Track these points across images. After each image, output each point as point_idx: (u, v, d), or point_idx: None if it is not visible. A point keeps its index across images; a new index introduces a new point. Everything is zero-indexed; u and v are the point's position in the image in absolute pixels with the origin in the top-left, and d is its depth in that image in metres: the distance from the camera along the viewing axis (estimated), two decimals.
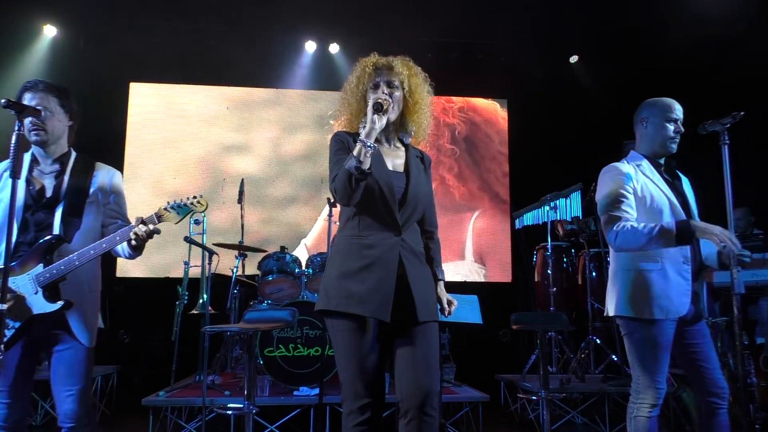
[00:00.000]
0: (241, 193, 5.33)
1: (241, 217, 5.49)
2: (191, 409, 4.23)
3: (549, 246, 5.44)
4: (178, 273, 5.45)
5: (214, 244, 4.73)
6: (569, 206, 5.61)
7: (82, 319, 2.28)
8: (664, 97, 2.70)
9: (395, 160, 2.18)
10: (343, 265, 2.06)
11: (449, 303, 2.25)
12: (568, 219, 5.64)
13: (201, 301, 4.70)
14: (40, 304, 2.20)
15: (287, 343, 4.30)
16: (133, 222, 2.25)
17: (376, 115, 1.99)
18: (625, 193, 2.56)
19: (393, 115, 2.13)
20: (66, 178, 2.34)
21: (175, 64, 6.74)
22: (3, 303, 1.93)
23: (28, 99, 2.31)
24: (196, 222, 4.98)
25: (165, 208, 2.31)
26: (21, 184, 2.27)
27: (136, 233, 2.21)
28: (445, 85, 7.07)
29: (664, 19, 6.16)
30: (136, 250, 2.31)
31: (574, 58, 7.23)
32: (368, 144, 1.95)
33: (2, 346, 2.12)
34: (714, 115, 2.59)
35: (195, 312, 4.85)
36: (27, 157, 2.37)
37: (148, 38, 6.60)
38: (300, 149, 7.04)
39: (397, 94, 2.13)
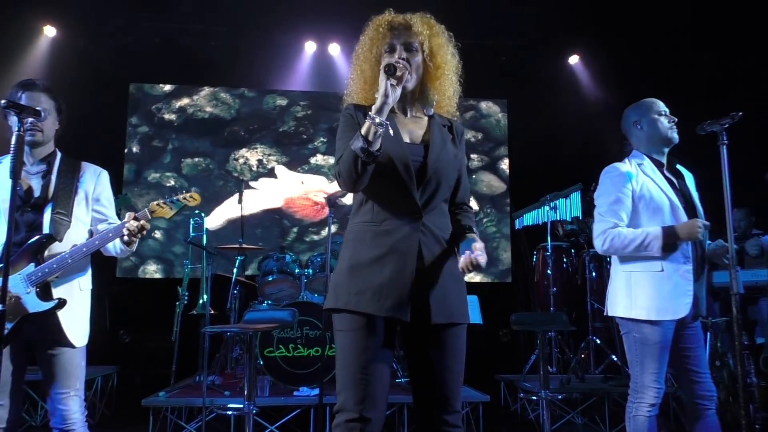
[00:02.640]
0: (241, 193, 5.33)
1: (241, 217, 5.49)
2: (191, 409, 4.22)
3: (549, 246, 5.44)
4: (178, 273, 5.46)
5: (215, 247, 4.73)
6: (569, 206, 5.61)
7: (75, 318, 2.29)
8: (643, 100, 2.73)
9: (415, 130, 1.86)
10: (354, 256, 1.77)
11: (478, 248, 1.72)
12: (568, 219, 5.64)
13: (201, 301, 4.70)
14: (33, 303, 2.21)
15: (287, 344, 4.30)
16: (125, 219, 2.25)
17: (390, 86, 1.67)
18: (622, 197, 2.56)
19: (411, 84, 1.83)
20: (53, 177, 2.35)
21: (175, 64, 6.75)
22: (3, 303, 1.92)
23: (25, 98, 2.31)
24: (197, 223, 4.99)
25: (157, 203, 2.34)
26: (7, 185, 2.24)
27: (128, 228, 2.21)
28: None
29: (664, 18, 6.16)
30: (129, 245, 2.31)
31: (574, 58, 7.23)
32: (378, 121, 1.64)
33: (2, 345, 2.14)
34: (714, 114, 2.60)
35: (195, 312, 4.85)
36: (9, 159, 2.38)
37: (148, 38, 6.60)
38: (300, 149, 7.05)
39: (417, 58, 1.82)
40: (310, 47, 6.98)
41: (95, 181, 2.44)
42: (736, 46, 5.98)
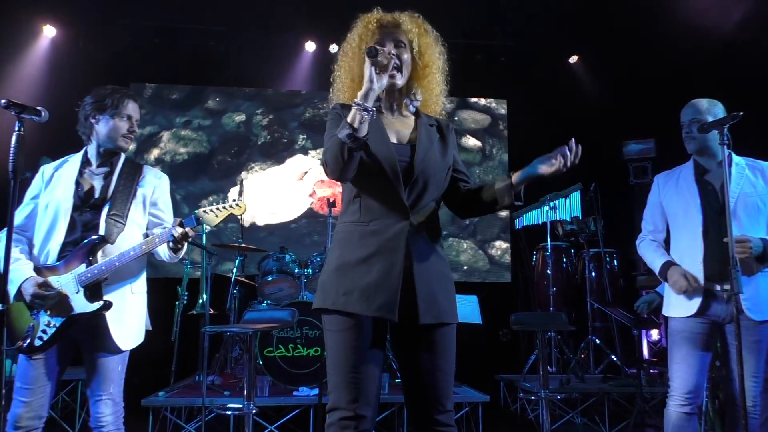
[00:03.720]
0: (241, 193, 5.31)
1: (241, 217, 5.48)
2: (191, 409, 4.22)
3: (549, 246, 5.44)
4: (177, 273, 5.46)
5: (213, 245, 4.72)
6: (569, 206, 5.62)
7: (124, 321, 2.28)
8: None
9: (402, 131, 1.86)
10: (342, 256, 1.77)
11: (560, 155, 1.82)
12: (568, 219, 5.64)
13: (201, 301, 4.70)
14: (81, 304, 2.22)
15: (287, 344, 4.30)
16: (172, 224, 2.26)
17: (374, 72, 1.66)
18: (650, 206, 2.85)
19: (401, 81, 1.83)
20: (114, 179, 2.37)
21: (175, 64, 6.74)
22: (3, 303, 1.93)
23: (131, 108, 2.39)
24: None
25: (204, 211, 2.31)
26: (70, 185, 2.32)
27: (173, 235, 2.22)
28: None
29: (664, 18, 6.16)
30: (176, 252, 2.32)
31: (574, 58, 7.23)
32: (363, 106, 1.63)
33: (35, 344, 2.18)
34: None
35: (195, 312, 4.85)
36: (78, 158, 2.41)
37: (148, 38, 6.60)
38: (299, 149, 7.04)
39: (406, 56, 1.82)
40: (310, 47, 6.98)
41: (154, 185, 2.45)
42: (736, 46, 5.98)
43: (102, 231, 2.27)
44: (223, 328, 3.67)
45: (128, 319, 2.30)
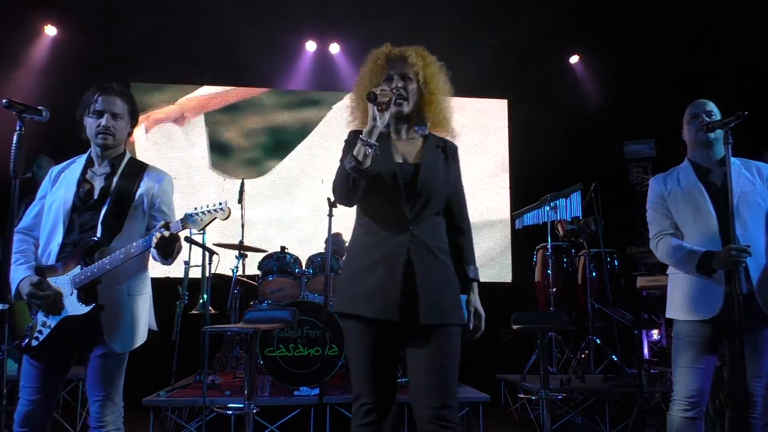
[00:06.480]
0: (241, 193, 5.32)
1: (242, 217, 5.49)
2: (191, 409, 4.23)
3: (549, 246, 5.44)
4: (178, 273, 5.45)
5: (214, 244, 4.73)
6: (569, 206, 5.62)
7: (118, 323, 2.25)
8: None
9: (409, 151, 2.07)
10: (353, 264, 2.00)
11: (477, 316, 2.06)
12: (568, 219, 5.65)
13: (201, 301, 4.70)
14: (73, 306, 2.21)
15: (287, 343, 4.30)
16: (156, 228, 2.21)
17: (376, 111, 1.87)
18: (655, 205, 2.72)
19: (407, 108, 2.05)
20: (115, 180, 2.35)
21: (175, 64, 6.74)
22: (3, 303, 1.93)
23: (101, 102, 2.35)
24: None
25: (189, 214, 2.26)
26: (72, 186, 2.32)
27: (156, 237, 2.17)
28: None
29: (664, 18, 6.16)
30: (166, 256, 2.25)
31: (574, 58, 7.23)
32: (367, 142, 1.85)
33: (33, 343, 2.20)
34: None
35: (195, 312, 4.85)
36: (83, 159, 2.41)
37: (148, 38, 6.60)
38: (300, 149, 7.04)
39: (412, 86, 2.03)
40: (310, 47, 6.98)
41: (155, 186, 2.41)
42: (736, 46, 5.99)
43: (99, 232, 2.26)
44: (224, 328, 3.67)
45: (124, 321, 2.27)
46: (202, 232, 4.95)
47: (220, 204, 2.25)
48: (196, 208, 2.26)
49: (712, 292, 2.50)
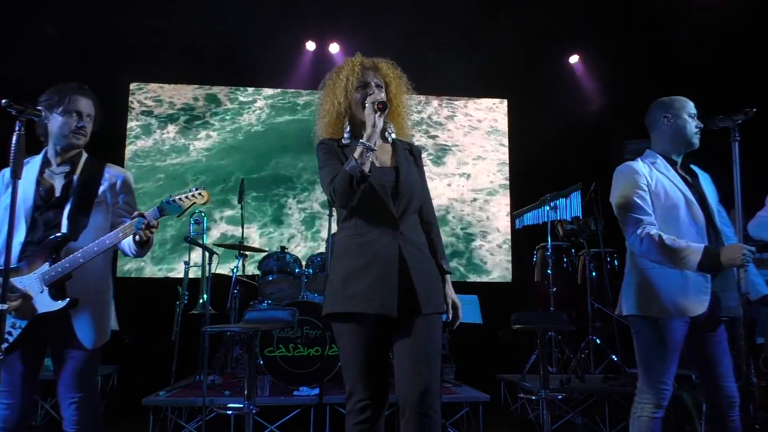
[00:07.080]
0: (241, 192, 5.33)
1: (242, 217, 5.49)
2: (191, 409, 4.23)
3: (549, 246, 5.44)
4: (178, 273, 5.47)
5: (214, 244, 4.73)
6: (569, 206, 5.62)
7: (87, 320, 2.26)
8: (677, 96, 2.73)
9: (382, 156, 2.17)
10: (345, 266, 2.05)
11: (454, 307, 2.20)
12: (568, 219, 5.64)
13: (201, 301, 4.70)
14: (45, 303, 2.19)
15: (287, 343, 4.31)
16: (132, 216, 2.23)
17: (377, 117, 2.00)
18: (640, 192, 2.52)
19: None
20: (75, 177, 2.35)
21: (175, 64, 6.74)
22: (3, 303, 1.92)
23: (83, 104, 2.37)
24: (197, 222, 4.98)
25: (166, 201, 2.28)
26: (30, 185, 2.29)
27: (139, 228, 2.19)
28: (445, 85, 7.08)
29: (664, 17, 6.16)
30: (142, 246, 2.29)
31: (574, 58, 7.23)
32: (368, 145, 1.96)
33: (3, 346, 2.13)
34: (716, 114, 2.59)
35: (195, 312, 4.85)
36: (38, 159, 2.39)
37: (148, 38, 6.59)
38: (299, 149, 7.04)
39: (382, 95, 2.14)
40: (310, 47, 6.98)
41: (117, 182, 2.43)
42: (736, 46, 5.98)
43: (64, 229, 2.25)
44: (224, 328, 3.67)
45: (92, 317, 2.27)
46: (202, 232, 4.97)
47: (197, 188, 2.29)
48: (171, 195, 2.29)
49: (701, 288, 2.43)
